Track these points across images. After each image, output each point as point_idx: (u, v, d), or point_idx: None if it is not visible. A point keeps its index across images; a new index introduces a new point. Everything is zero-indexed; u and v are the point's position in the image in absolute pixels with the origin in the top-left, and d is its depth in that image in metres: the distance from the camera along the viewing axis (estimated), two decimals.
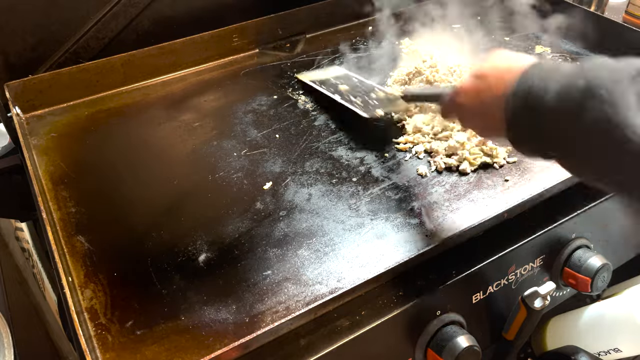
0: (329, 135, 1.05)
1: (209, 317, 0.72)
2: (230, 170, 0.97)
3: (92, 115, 1.13)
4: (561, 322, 1.03)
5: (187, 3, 1.28)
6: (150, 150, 1.04)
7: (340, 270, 0.78)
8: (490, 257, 0.83)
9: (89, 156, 1.02)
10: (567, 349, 0.97)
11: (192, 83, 1.22)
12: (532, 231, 0.87)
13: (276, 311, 0.73)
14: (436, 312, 0.79)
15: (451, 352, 0.76)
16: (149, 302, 0.75)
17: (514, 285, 0.87)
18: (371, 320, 0.74)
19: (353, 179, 0.94)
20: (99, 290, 0.77)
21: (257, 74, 1.25)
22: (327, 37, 1.37)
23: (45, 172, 0.97)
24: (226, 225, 0.86)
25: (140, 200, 0.93)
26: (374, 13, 1.34)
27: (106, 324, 0.72)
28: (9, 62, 1.14)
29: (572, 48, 1.31)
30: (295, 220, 0.87)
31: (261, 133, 1.06)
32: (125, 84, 1.20)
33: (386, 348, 0.77)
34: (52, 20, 1.14)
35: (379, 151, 1.00)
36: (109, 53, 1.20)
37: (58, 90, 1.14)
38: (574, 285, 0.90)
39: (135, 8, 1.21)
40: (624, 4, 1.47)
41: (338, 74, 1.17)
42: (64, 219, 0.88)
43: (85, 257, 0.82)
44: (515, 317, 0.85)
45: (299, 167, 0.97)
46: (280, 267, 0.79)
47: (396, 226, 0.85)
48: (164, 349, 0.69)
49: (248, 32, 1.30)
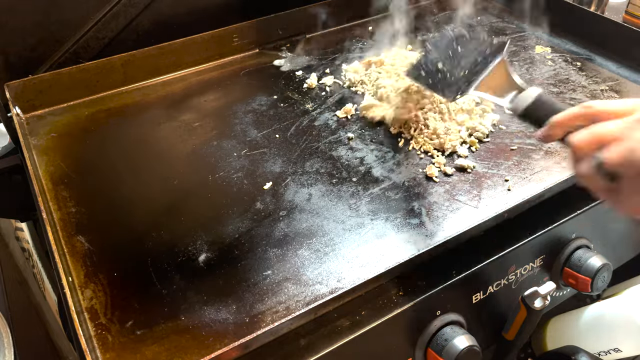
0: (329, 135, 1.05)
1: (209, 317, 0.72)
2: (230, 170, 0.97)
3: (92, 115, 1.13)
4: (561, 322, 1.03)
5: (187, 3, 1.28)
6: (150, 150, 1.04)
7: (340, 270, 0.78)
8: (490, 257, 0.83)
9: (89, 156, 1.02)
10: (567, 349, 0.97)
11: (192, 83, 1.22)
12: (532, 231, 0.87)
13: (276, 311, 0.73)
14: (436, 312, 0.79)
15: (451, 352, 0.76)
16: (149, 302, 0.75)
17: (514, 285, 0.87)
18: (371, 320, 0.74)
19: (353, 179, 0.94)
20: (99, 290, 0.77)
21: (257, 74, 1.25)
22: (327, 37, 1.37)
23: (45, 172, 0.97)
24: (226, 225, 0.86)
25: (140, 200, 0.93)
26: (374, 13, 1.34)
27: (106, 324, 0.72)
28: (9, 62, 1.14)
29: (572, 48, 1.31)
30: (296, 220, 0.87)
31: (261, 133, 1.06)
32: (125, 84, 1.20)
33: (386, 348, 0.77)
34: (52, 20, 1.14)
35: (379, 151, 1.00)
36: (109, 53, 1.20)
37: (58, 90, 1.14)
38: (574, 285, 0.90)
39: (135, 8, 1.21)
40: (624, 4, 1.48)
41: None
42: (64, 219, 0.88)
43: (85, 257, 0.82)
44: (515, 317, 0.85)
45: (299, 167, 0.97)
46: (280, 267, 0.79)
47: (396, 226, 0.85)
48: (164, 349, 0.69)
49: (248, 32, 1.30)
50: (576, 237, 0.91)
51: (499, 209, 0.85)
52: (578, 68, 1.22)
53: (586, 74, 1.20)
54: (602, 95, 1.13)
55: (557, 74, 1.21)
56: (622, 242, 1.02)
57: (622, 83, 1.17)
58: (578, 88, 1.16)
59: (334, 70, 1.24)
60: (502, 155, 0.98)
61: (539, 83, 1.17)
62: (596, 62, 1.25)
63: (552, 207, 0.90)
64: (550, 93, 1.14)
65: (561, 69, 1.23)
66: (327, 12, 1.38)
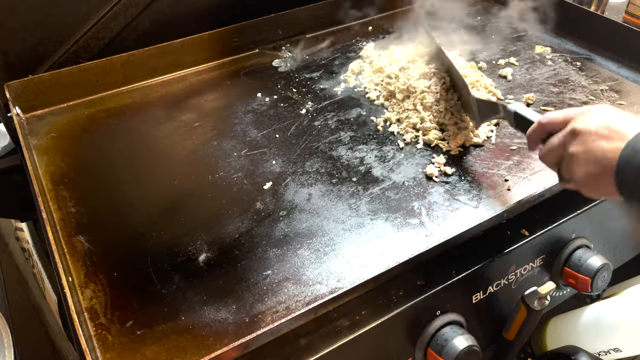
0: (329, 135, 1.05)
1: (209, 317, 0.72)
2: (230, 170, 0.97)
3: (92, 115, 1.13)
4: (561, 322, 1.03)
5: (187, 3, 1.28)
6: (150, 150, 1.04)
7: (340, 270, 0.78)
8: (490, 257, 0.83)
9: (89, 156, 1.02)
10: (567, 349, 0.97)
11: (192, 83, 1.22)
12: (532, 231, 0.87)
13: (276, 311, 0.73)
14: (436, 312, 0.79)
15: (451, 352, 0.76)
16: (149, 302, 0.75)
17: (514, 285, 0.87)
18: (371, 320, 0.74)
19: (353, 179, 0.94)
20: (99, 290, 0.77)
21: (257, 74, 1.25)
22: (327, 37, 1.37)
23: (45, 172, 0.97)
24: (226, 225, 0.86)
25: (141, 200, 0.93)
26: (374, 13, 1.34)
27: (106, 324, 0.72)
28: (9, 62, 1.14)
29: (572, 48, 1.31)
30: (295, 220, 0.87)
31: (261, 133, 1.06)
32: (125, 84, 1.20)
33: (386, 348, 0.77)
34: (52, 20, 1.14)
35: (379, 151, 1.00)
36: (109, 53, 1.20)
37: (58, 90, 1.14)
38: (574, 285, 0.90)
39: (135, 8, 1.22)
40: (624, 4, 1.48)
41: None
42: (64, 219, 0.88)
43: (85, 257, 0.82)
44: (515, 317, 0.85)
45: (299, 167, 0.97)
46: (280, 267, 0.79)
47: (396, 226, 0.85)
48: (164, 349, 0.69)
49: (248, 32, 1.30)
50: (576, 237, 0.91)
51: (499, 209, 0.85)
52: (578, 68, 1.22)
53: (586, 74, 1.20)
54: (602, 95, 1.13)
55: (557, 74, 1.21)
56: (622, 242, 1.02)
57: (622, 83, 1.17)
58: (578, 88, 1.16)
59: (334, 70, 1.24)
60: (502, 155, 0.98)
61: (539, 83, 1.18)
62: (596, 62, 1.25)
63: (552, 207, 0.90)
64: (551, 93, 1.14)
65: (561, 69, 1.23)
66: (327, 12, 1.38)
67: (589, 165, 0.69)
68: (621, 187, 0.65)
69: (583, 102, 1.11)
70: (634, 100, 1.12)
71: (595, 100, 1.12)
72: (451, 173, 0.95)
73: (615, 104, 1.11)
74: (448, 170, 0.95)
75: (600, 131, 0.68)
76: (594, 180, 0.69)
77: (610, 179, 0.66)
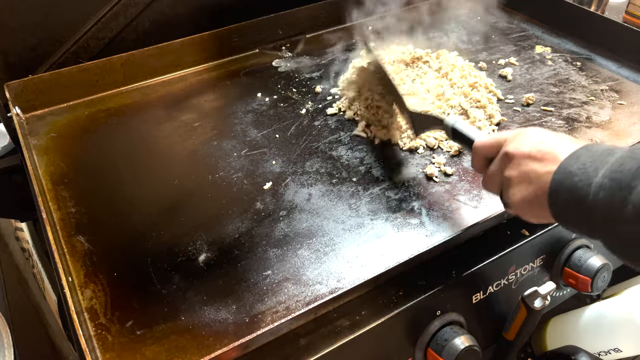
0: (329, 135, 1.05)
1: (209, 317, 0.72)
2: (230, 170, 0.97)
3: (92, 115, 1.13)
4: (561, 322, 1.03)
5: (187, 3, 1.28)
6: (150, 150, 1.04)
7: (340, 270, 0.78)
8: (490, 257, 0.83)
9: (89, 156, 1.02)
10: (567, 349, 0.97)
11: (192, 83, 1.22)
12: (532, 231, 0.87)
13: (276, 311, 0.73)
14: (436, 312, 0.79)
15: (451, 352, 0.76)
16: (149, 302, 0.75)
17: (514, 285, 0.87)
18: (371, 320, 0.74)
19: (353, 179, 0.94)
20: (99, 290, 0.77)
21: (257, 74, 1.25)
22: (327, 37, 1.37)
23: (45, 172, 0.97)
24: (226, 225, 0.86)
25: (140, 200, 0.93)
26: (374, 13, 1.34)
27: (106, 324, 0.72)
28: (9, 62, 1.14)
29: (572, 48, 1.31)
30: (295, 220, 0.87)
31: (261, 133, 1.06)
32: (125, 84, 1.20)
33: (386, 348, 0.77)
34: (52, 20, 1.14)
35: (379, 151, 1.00)
36: (109, 53, 1.20)
37: (58, 90, 1.14)
38: (574, 285, 0.90)
39: (135, 8, 1.22)
40: (624, 4, 1.48)
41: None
42: (64, 219, 0.88)
43: (85, 257, 0.82)
44: (515, 317, 0.85)
45: (299, 167, 0.97)
46: (280, 267, 0.79)
47: (396, 226, 0.85)
48: (164, 349, 0.69)
49: (248, 32, 1.30)
50: (576, 237, 0.91)
51: (499, 209, 0.85)
52: (578, 68, 1.22)
53: (586, 74, 1.20)
54: (602, 95, 1.13)
55: (557, 73, 1.21)
56: None
57: (622, 83, 1.17)
58: (578, 88, 1.16)
59: (334, 70, 1.24)
60: None
61: (539, 83, 1.18)
62: (596, 62, 1.25)
63: None
64: (551, 93, 1.14)
65: (561, 69, 1.23)
66: (327, 12, 1.38)
67: (523, 188, 0.68)
68: (554, 209, 0.64)
69: (583, 102, 1.11)
70: (634, 100, 1.12)
71: (595, 100, 1.12)
72: (451, 173, 0.95)
73: (616, 104, 1.11)
74: (448, 170, 0.95)
75: (533, 153, 0.67)
76: (530, 204, 0.67)
77: (544, 202, 0.64)
